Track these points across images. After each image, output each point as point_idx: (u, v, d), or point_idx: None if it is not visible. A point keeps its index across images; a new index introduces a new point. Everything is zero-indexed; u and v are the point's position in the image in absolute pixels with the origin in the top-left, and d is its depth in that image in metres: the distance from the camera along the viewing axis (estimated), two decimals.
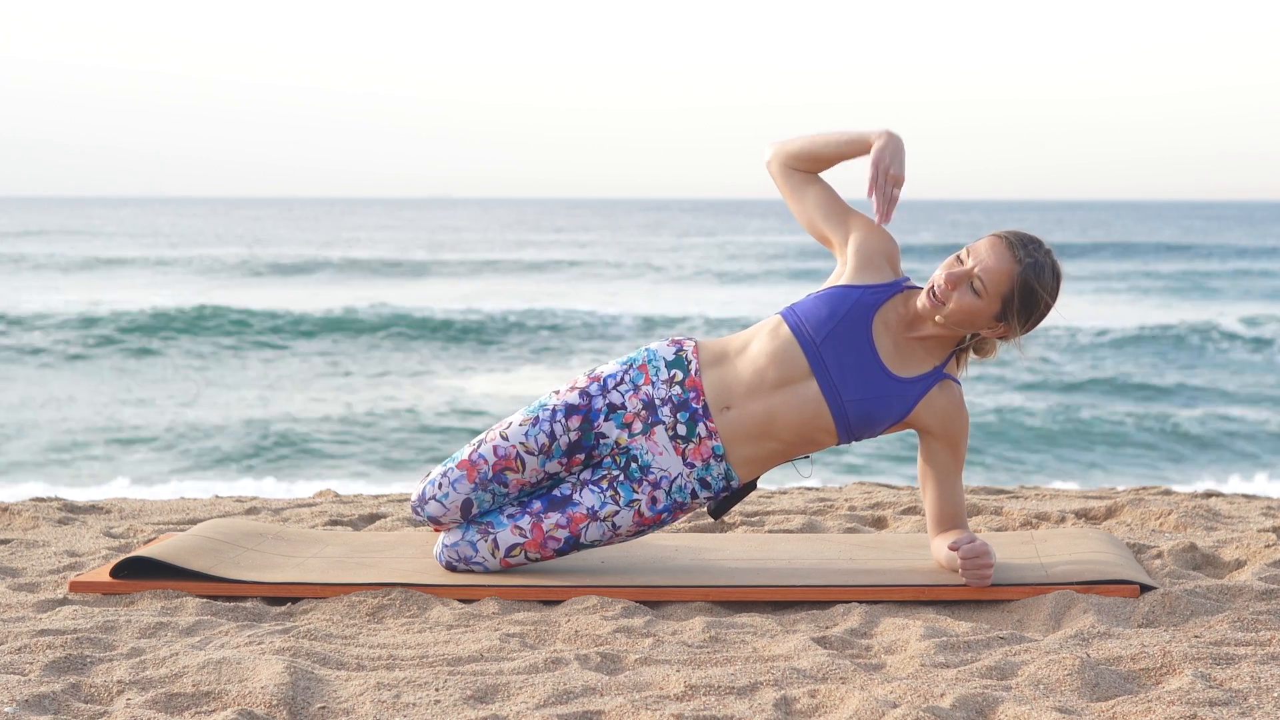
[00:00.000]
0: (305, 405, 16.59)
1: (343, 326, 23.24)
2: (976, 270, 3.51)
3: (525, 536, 3.67)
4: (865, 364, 3.61)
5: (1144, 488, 5.37)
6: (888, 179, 3.59)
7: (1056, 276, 3.55)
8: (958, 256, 3.56)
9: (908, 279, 3.68)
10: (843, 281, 3.66)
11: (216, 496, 5.51)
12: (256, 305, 25.29)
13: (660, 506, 3.68)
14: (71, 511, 4.88)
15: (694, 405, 3.64)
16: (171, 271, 37.68)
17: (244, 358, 20.60)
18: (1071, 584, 3.51)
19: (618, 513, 3.66)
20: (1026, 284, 3.50)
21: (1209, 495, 5.20)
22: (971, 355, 3.71)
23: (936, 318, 3.56)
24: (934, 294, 3.53)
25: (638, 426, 3.67)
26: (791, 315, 3.66)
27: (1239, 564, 3.91)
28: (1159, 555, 3.98)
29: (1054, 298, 3.55)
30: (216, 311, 23.93)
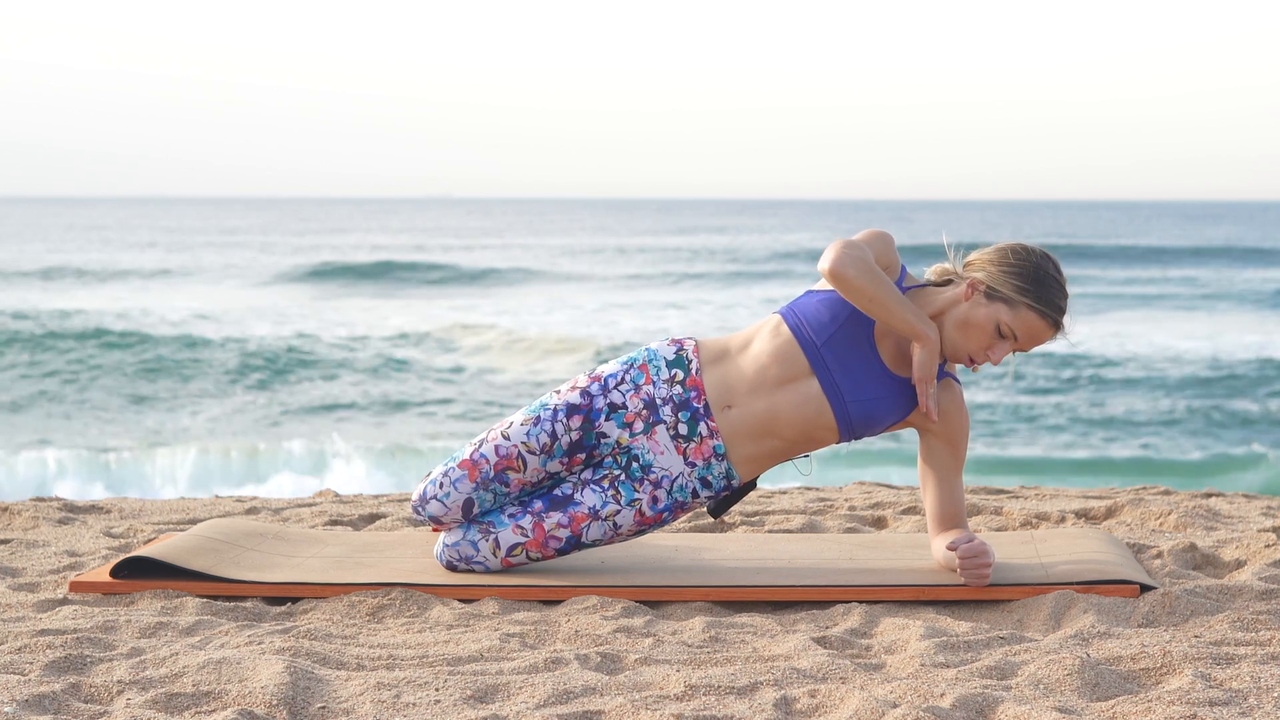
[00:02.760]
0: None
1: None
2: (1024, 349, 3.64)
3: (527, 536, 3.67)
4: (867, 365, 3.61)
5: (1144, 487, 5.37)
6: (929, 384, 3.62)
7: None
8: (999, 331, 3.58)
9: (904, 275, 3.67)
10: None
11: (216, 496, 5.51)
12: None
13: (661, 506, 3.68)
14: (71, 511, 4.88)
15: (695, 404, 3.65)
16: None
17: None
18: (1071, 584, 3.51)
19: (619, 512, 3.66)
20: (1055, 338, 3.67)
21: (1209, 495, 5.20)
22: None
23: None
24: (974, 364, 3.63)
25: (639, 426, 3.67)
26: (791, 315, 3.66)
27: (1239, 564, 3.91)
28: (1159, 555, 3.98)
29: None
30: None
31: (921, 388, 3.61)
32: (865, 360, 3.62)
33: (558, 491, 3.70)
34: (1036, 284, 3.58)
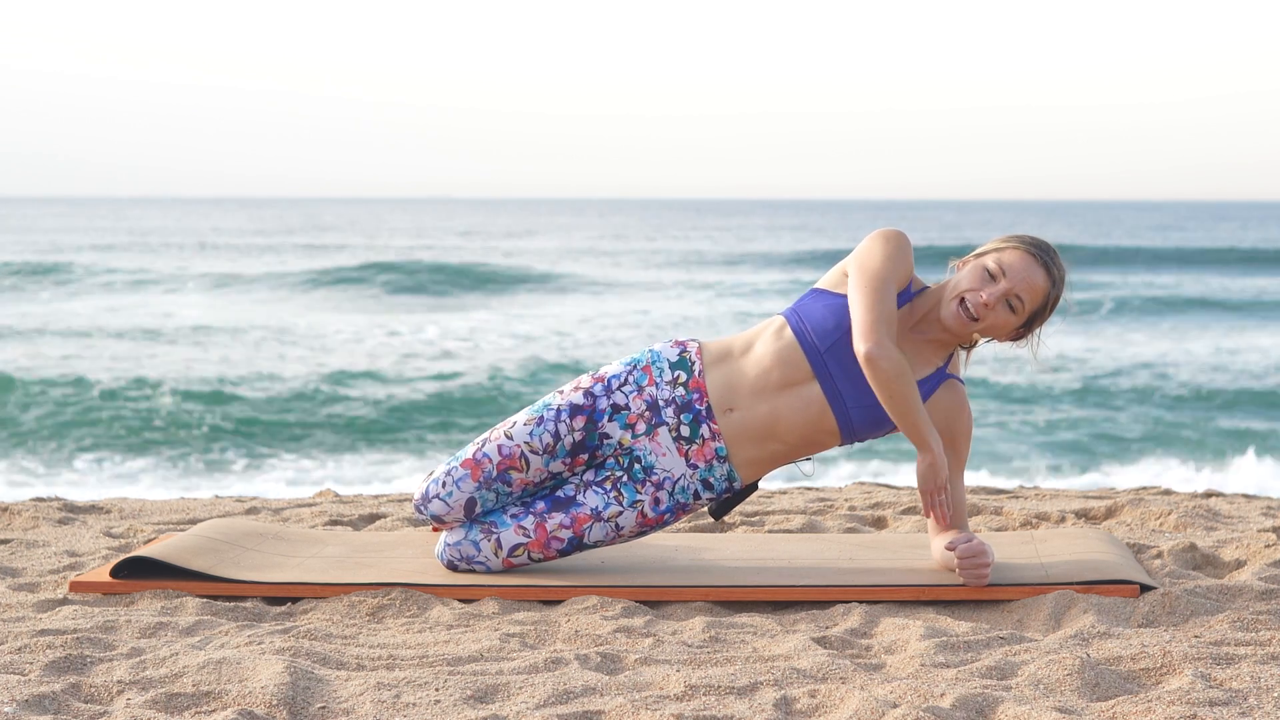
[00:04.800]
0: None
1: None
2: (1016, 290, 3.55)
3: (529, 536, 3.67)
4: None
5: (1144, 488, 5.37)
6: (934, 495, 3.60)
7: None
8: (988, 270, 3.57)
9: (912, 280, 3.66)
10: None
11: (216, 496, 5.51)
12: None
13: (663, 507, 3.68)
14: (71, 511, 4.88)
15: (697, 407, 3.64)
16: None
17: None
18: (1071, 584, 3.51)
19: (621, 513, 3.66)
20: (1056, 300, 3.60)
21: (1209, 495, 5.20)
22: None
23: (964, 330, 3.60)
24: (968, 309, 3.56)
25: (641, 427, 3.67)
26: (795, 318, 3.65)
27: (1239, 564, 3.91)
28: (1159, 555, 3.98)
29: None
30: None
31: (925, 499, 3.59)
32: None
33: (560, 492, 3.70)
34: (1018, 237, 3.63)
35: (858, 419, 3.61)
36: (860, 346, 3.48)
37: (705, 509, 4.25)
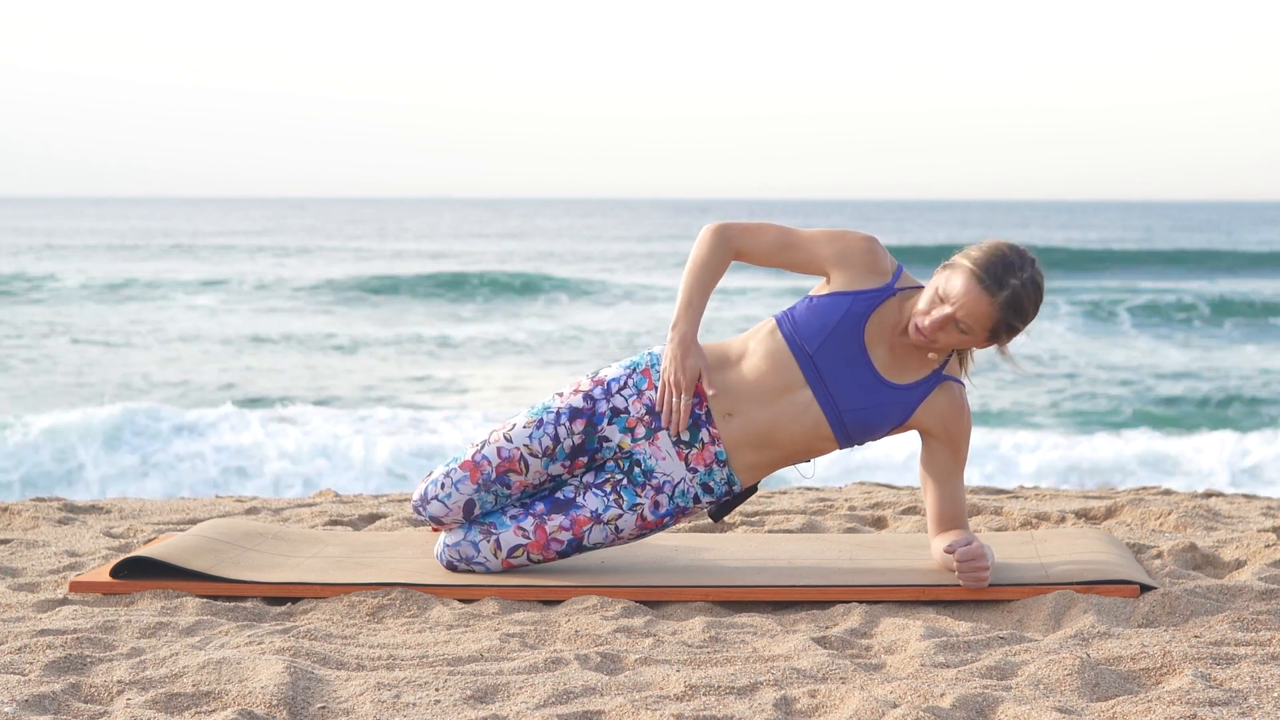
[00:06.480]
0: None
1: None
2: (958, 315, 3.49)
3: (528, 538, 3.67)
4: (861, 374, 3.59)
5: (1144, 488, 5.37)
6: (666, 391, 3.57)
7: (1038, 292, 3.53)
8: (937, 292, 3.53)
9: (898, 277, 3.64)
10: (831, 289, 3.64)
11: (216, 496, 5.51)
12: None
13: (663, 510, 3.68)
14: (71, 511, 4.88)
15: (697, 411, 3.64)
16: None
17: None
18: (1071, 584, 3.51)
19: (620, 516, 3.66)
20: (1008, 321, 3.50)
21: (1209, 495, 5.20)
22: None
23: (930, 354, 3.60)
24: (921, 332, 3.53)
25: (641, 431, 3.66)
26: (786, 322, 3.64)
27: (1239, 564, 3.91)
28: (1159, 555, 3.98)
29: (1036, 311, 3.55)
30: None
31: (662, 391, 3.58)
32: (858, 370, 3.60)
33: (559, 494, 3.70)
34: (981, 251, 3.53)
35: (851, 422, 3.60)
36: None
37: (704, 511, 4.25)
